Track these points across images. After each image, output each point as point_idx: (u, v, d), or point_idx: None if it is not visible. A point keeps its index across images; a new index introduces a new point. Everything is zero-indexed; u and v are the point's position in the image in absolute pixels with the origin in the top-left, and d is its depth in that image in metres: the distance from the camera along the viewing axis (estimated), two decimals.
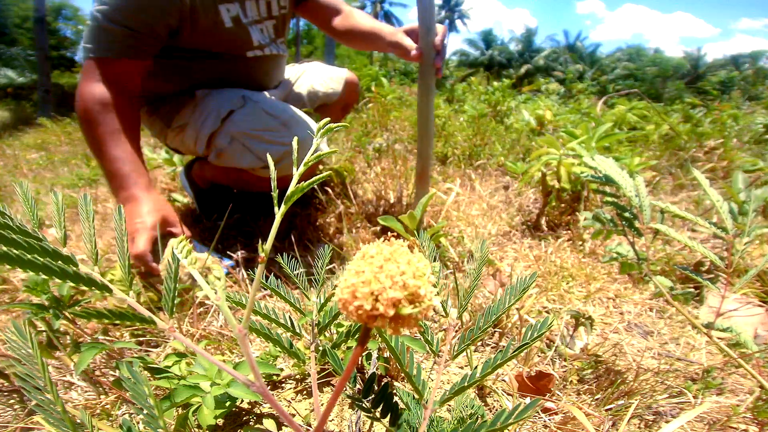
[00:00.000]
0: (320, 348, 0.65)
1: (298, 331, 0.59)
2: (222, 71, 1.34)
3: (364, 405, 0.49)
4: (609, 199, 0.79)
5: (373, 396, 0.49)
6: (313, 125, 1.26)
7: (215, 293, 0.32)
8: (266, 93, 1.44)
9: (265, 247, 0.33)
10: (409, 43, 1.22)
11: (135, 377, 0.37)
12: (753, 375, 0.64)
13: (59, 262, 0.31)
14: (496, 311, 0.48)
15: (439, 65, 1.19)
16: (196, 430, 0.62)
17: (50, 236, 1.63)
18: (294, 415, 0.73)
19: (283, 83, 1.60)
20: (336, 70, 1.72)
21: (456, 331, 0.97)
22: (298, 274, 0.63)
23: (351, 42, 1.50)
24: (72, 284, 0.32)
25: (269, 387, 0.79)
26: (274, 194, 0.35)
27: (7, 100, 11.70)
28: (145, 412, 0.35)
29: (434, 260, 0.54)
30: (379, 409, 0.49)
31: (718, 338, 0.71)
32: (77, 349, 0.71)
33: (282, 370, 0.83)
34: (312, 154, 0.37)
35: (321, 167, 1.93)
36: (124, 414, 0.72)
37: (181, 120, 1.36)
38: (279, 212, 0.34)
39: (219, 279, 0.32)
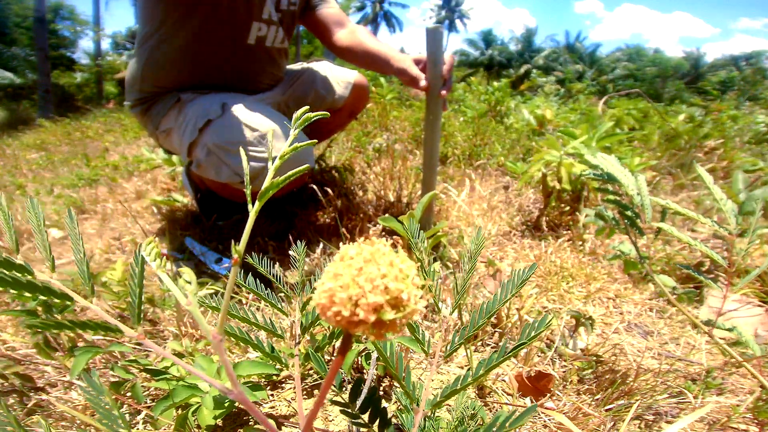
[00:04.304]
0: (305, 350, 0.64)
1: (279, 333, 0.58)
2: (220, 60, 1.33)
3: (350, 411, 0.48)
4: (611, 197, 0.78)
5: (360, 401, 0.48)
6: (299, 136, 1.23)
7: (186, 298, 0.31)
8: (254, 97, 1.40)
9: (238, 248, 0.31)
10: (417, 72, 1.21)
11: (96, 388, 0.36)
12: (755, 376, 0.64)
13: (12, 271, 0.30)
14: (492, 307, 0.48)
15: (445, 95, 1.19)
16: (196, 430, 0.62)
17: (50, 236, 1.63)
18: (294, 415, 0.73)
19: (282, 83, 1.56)
20: (344, 72, 1.64)
21: (457, 331, 0.97)
22: (275, 274, 0.61)
23: (353, 59, 1.45)
24: (28, 294, 0.31)
25: (268, 387, 0.79)
26: (251, 208, 0.34)
27: (6, 100, 11.70)
28: (109, 423, 0.35)
29: (434, 261, 0.53)
30: (366, 415, 0.48)
31: (720, 338, 0.71)
32: (73, 352, 0.70)
33: (282, 370, 0.83)
34: (289, 147, 0.36)
35: (320, 167, 1.93)
36: (124, 415, 0.72)
37: (167, 124, 1.35)
38: (253, 210, 0.33)
39: (189, 283, 0.31)
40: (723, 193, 0.68)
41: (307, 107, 0.39)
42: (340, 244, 0.38)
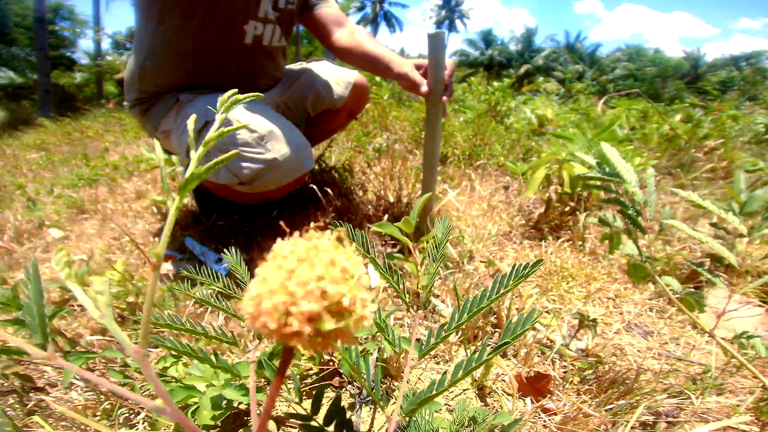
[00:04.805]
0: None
1: (232, 339, 0.53)
2: (217, 60, 1.33)
3: (310, 425, 0.45)
4: (611, 196, 0.77)
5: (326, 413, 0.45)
6: (296, 138, 1.22)
7: (99, 312, 0.27)
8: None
9: (156, 251, 0.27)
10: (418, 78, 1.20)
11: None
12: (758, 376, 0.64)
13: None
14: (482, 301, 0.42)
15: (446, 100, 1.18)
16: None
17: (50, 236, 1.63)
18: (294, 416, 0.73)
19: (282, 83, 1.56)
20: (343, 72, 1.63)
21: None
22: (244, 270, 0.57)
23: (352, 60, 1.43)
24: None
25: (268, 387, 0.79)
26: (171, 203, 0.31)
27: (6, 100, 11.70)
28: None
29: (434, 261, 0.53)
30: (331, 427, 0.45)
31: (722, 338, 0.71)
32: (67, 356, 0.70)
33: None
34: (216, 130, 0.33)
35: (320, 167, 1.93)
36: (124, 415, 0.72)
37: (166, 125, 1.35)
38: (173, 205, 0.29)
39: (102, 294, 0.27)
40: (715, 206, 0.68)
41: (235, 90, 0.37)
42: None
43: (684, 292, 0.74)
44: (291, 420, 0.70)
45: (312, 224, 0.23)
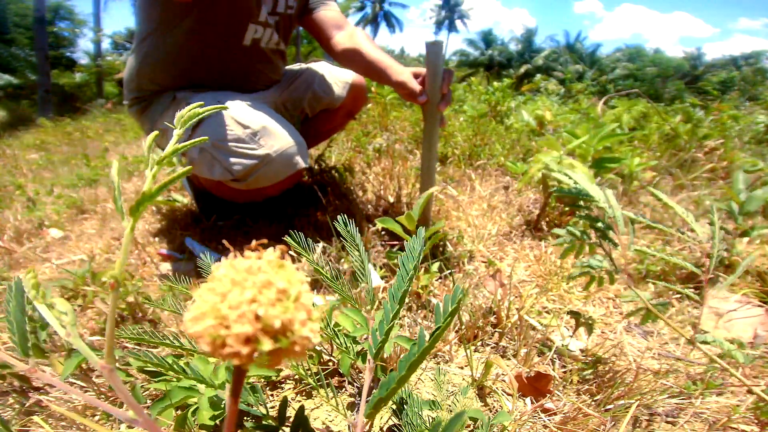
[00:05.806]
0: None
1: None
2: (215, 60, 1.33)
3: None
4: (582, 213, 0.79)
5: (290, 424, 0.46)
6: (291, 135, 1.22)
7: (64, 329, 0.28)
8: (250, 96, 1.40)
9: (114, 273, 0.28)
10: (416, 86, 1.19)
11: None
12: (741, 380, 0.64)
13: None
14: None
15: (442, 109, 1.17)
16: (196, 429, 0.61)
17: (50, 236, 1.63)
18: (290, 417, 0.73)
19: (280, 83, 1.56)
20: (342, 73, 1.63)
21: (456, 331, 0.97)
22: None
23: (350, 64, 1.43)
24: None
25: (268, 387, 0.79)
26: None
27: (6, 100, 11.71)
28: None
29: (434, 261, 0.53)
30: None
31: (709, 341, 0.71)
32: (68, 356, 0.70)
33: (281, 370, 0.83)
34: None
35: (320, 167, 1.93)
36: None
37: (162, 124, 1.35)
38: (128, 226, 0.29)
39: (66, 314, 0.28)
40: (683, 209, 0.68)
41: (199, 103, 0.38)
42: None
43: (652, 302, 0.75)
44: (290, 420, 0.70)
45: (254, 242, 0.24)
